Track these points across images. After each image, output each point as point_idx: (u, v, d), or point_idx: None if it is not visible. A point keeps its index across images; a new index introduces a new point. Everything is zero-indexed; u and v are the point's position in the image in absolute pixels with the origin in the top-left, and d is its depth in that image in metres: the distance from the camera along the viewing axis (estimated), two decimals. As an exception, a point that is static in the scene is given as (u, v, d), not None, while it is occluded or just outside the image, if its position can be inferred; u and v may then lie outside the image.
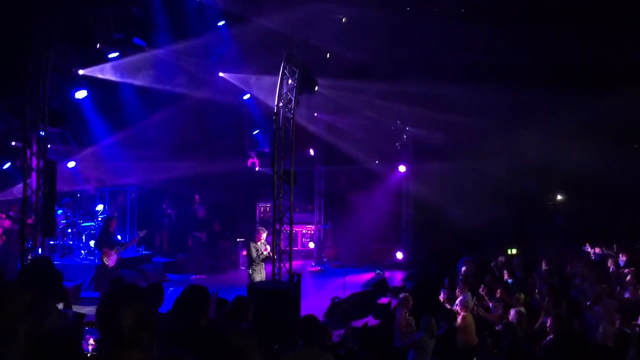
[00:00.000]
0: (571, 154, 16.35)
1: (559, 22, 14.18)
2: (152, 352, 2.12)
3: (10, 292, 3.15)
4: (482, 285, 11.00)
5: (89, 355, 3.89)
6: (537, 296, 10.74)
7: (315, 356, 5.19)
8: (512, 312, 9.16)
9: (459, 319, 9.47)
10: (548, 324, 8.28)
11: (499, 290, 10.79)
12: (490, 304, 10.61)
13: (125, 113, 15.09)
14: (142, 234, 13.65)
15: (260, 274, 11.42)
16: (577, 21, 14.05)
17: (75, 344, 3.04)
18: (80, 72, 12.38)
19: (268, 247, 11.35)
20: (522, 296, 10.22)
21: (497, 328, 9.27)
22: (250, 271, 11.39)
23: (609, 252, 14.02)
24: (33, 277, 5.72)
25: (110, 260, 12.35)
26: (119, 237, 13.87)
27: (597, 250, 14.57)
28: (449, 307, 10.20)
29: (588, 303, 9.45)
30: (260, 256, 11.29)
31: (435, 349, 8.38)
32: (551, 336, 7.54)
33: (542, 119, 16.71)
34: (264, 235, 11.45)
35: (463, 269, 13.33)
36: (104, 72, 12.92)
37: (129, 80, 13.61)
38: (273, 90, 11.62)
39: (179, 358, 2.70)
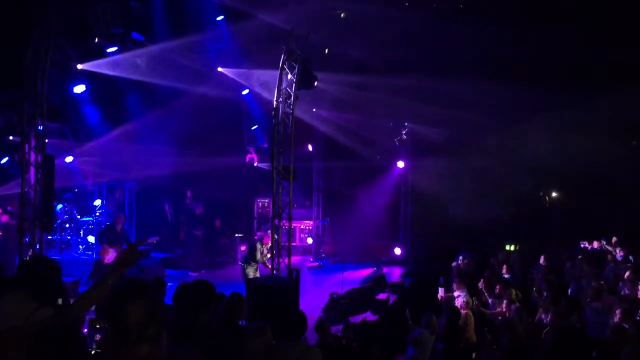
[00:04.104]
0: (570, 151, 16.33)
1: (559, 20, 14.19)
2: (160, 346, 2.12)
3: None
4: (482, 280, 11.01)
5: (93, 352, 3.88)
6: (535, 294, 10.76)
7: (302, 351, 5.21)
8: (512, 307, 9.18)
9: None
10: (547, 320, 8.30)
11: (497, 286, 10.80)
12: (490, 300, 10.62)
13: (123, 108, 15.05)
14: (153, 240, 13.58)
15: (254, 271, 11.72)
16: (577, 19, 14.07)
17: (77, 339, 3.02)
18: (79, 66, 12.32)
19: (269, 255, 11.41)
20: (514, 292, 10.23)
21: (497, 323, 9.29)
22: (245, 266, 11.61)
23: (607, 247, 14.03)
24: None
25: (107, 257, 12.26)
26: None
27: (595, 244, 14.58)
28: (452, 303, 10.12)
29: (588, 299, 9.47)
30: (263, 258, 11.61)
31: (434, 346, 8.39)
32: (550, 332, 7.56)
33: (541, 116, 16.68)
34: (270, 242, 11.51)
35: (454, 264, 13.29)
36: (102, 67, 12.86)
37: (127, 75, 13.55)
38: (272, 86, 11.58)
39: (187, 354, 2.68)
